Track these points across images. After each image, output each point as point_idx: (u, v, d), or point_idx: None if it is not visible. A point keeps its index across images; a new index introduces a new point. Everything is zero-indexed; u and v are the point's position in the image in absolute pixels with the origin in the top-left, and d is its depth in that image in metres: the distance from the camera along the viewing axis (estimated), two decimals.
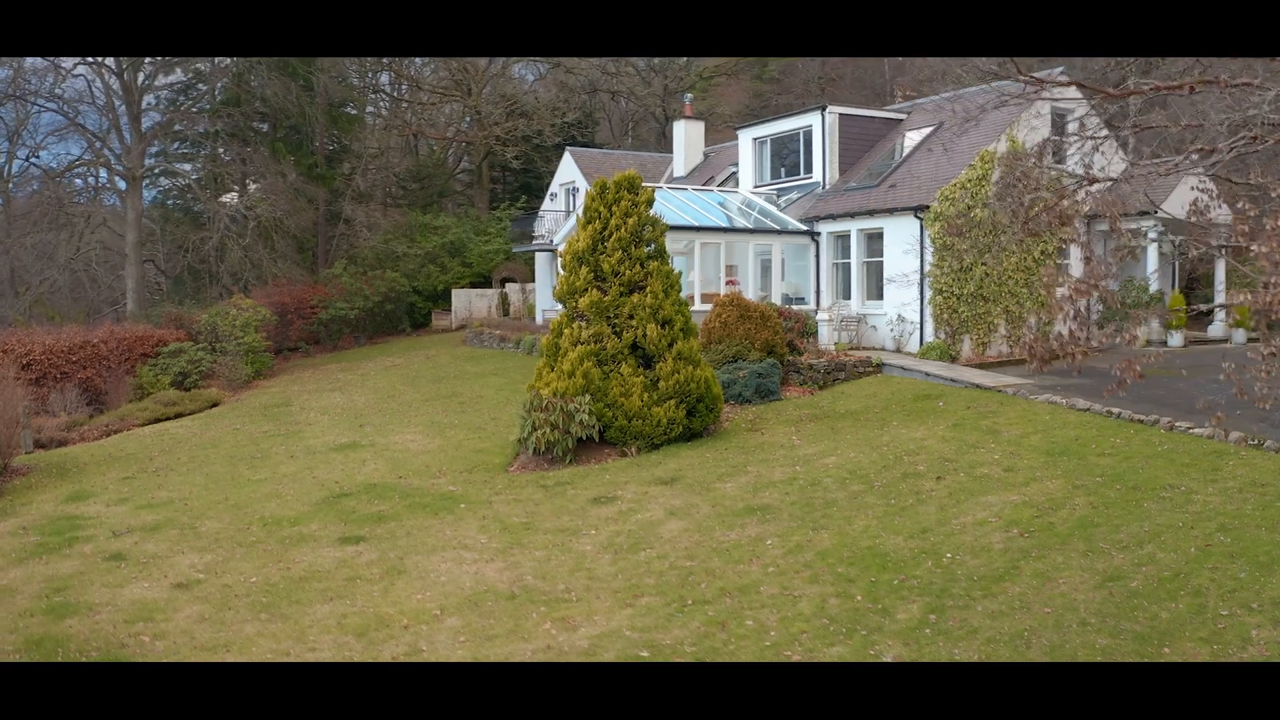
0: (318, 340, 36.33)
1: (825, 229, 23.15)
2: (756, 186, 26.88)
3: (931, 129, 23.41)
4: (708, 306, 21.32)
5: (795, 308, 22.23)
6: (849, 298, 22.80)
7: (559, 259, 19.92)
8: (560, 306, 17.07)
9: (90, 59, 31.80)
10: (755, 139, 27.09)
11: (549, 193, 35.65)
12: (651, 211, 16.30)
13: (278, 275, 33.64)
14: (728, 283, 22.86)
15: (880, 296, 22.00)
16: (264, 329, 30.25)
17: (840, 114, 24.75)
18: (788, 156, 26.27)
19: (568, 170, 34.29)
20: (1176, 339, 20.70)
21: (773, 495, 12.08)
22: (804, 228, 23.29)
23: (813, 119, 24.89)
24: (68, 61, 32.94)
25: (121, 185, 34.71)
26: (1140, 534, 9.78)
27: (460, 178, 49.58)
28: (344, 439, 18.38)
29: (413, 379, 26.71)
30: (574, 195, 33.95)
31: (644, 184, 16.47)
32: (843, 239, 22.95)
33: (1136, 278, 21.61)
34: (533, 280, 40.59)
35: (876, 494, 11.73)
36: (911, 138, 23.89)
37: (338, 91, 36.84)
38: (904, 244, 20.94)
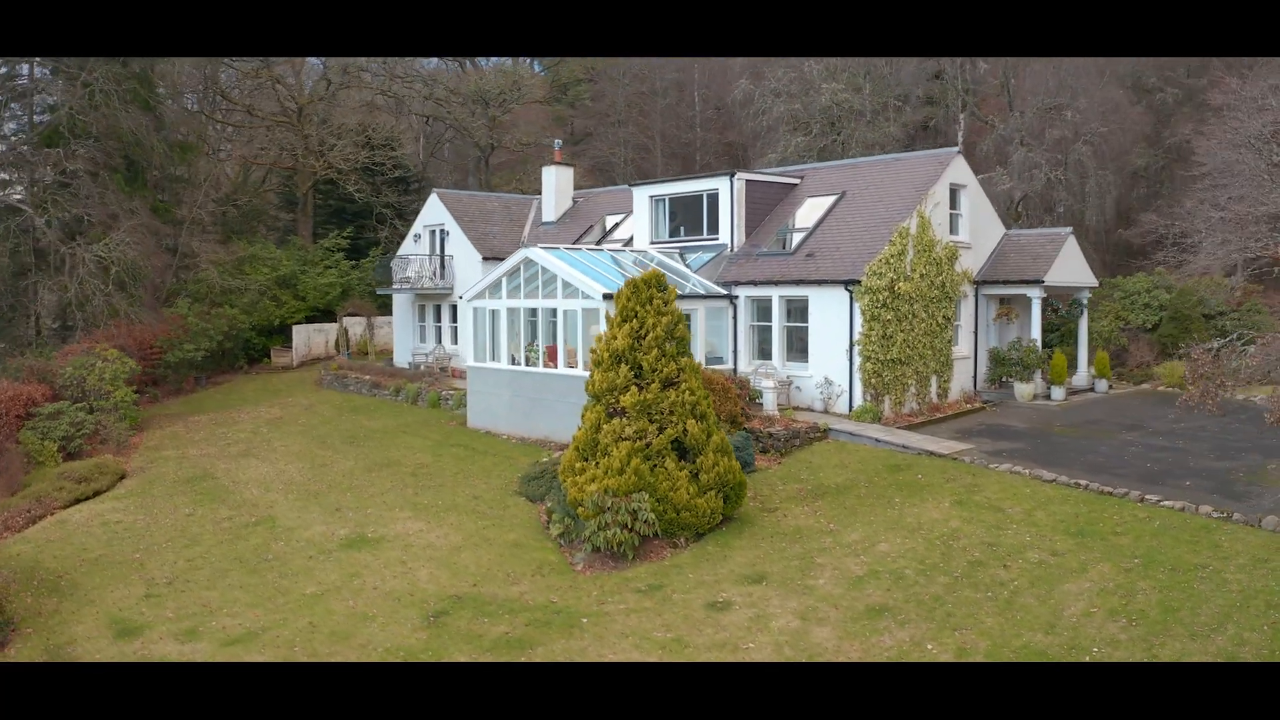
0: (156, 382, 33.78)
1: (744, 293, 24.75)
2: (654, 242, 28.08)
3: (835, 198, 25.58)
4: None
5: (714, 368, 23.65)
6: (767, 358, 24.54)
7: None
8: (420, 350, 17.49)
9: None
10: (653, 197, 28.27)
11: (412, 233, 34.99)
12: (667, 297, 17.16)
13: (118, 315, 31.02)
14: None
15: (801, 358, 23.89)
16: (131, 379, 28.12)
17: (747, 180, 26.45)
18: (688, 216, 27.64)
19: (435, 213, 33.86)
20: (1059, 393, 24.10)
21: (876, 592, 13.48)
22: (724, 291, 24.79)
23: (720, 183, 26.42)
24: None
25: None
26: (1215, 615, 12.04)
27: (270, 197, 47.17)
28: (341, 530, 17.87)
29: (320, 439, 25.81)
30: (444, 238, 33.60)
31: (550, 248, 17.28)
32: (762, 303, 24.62)
33: (1024, 338, 24.87)
34: (379, 315, 39.76)
35: (968, 586, 13.42)
36: (814, 204, 25.97)
37: (180, 119, 34.25)
38: (832, 313, 22.90)
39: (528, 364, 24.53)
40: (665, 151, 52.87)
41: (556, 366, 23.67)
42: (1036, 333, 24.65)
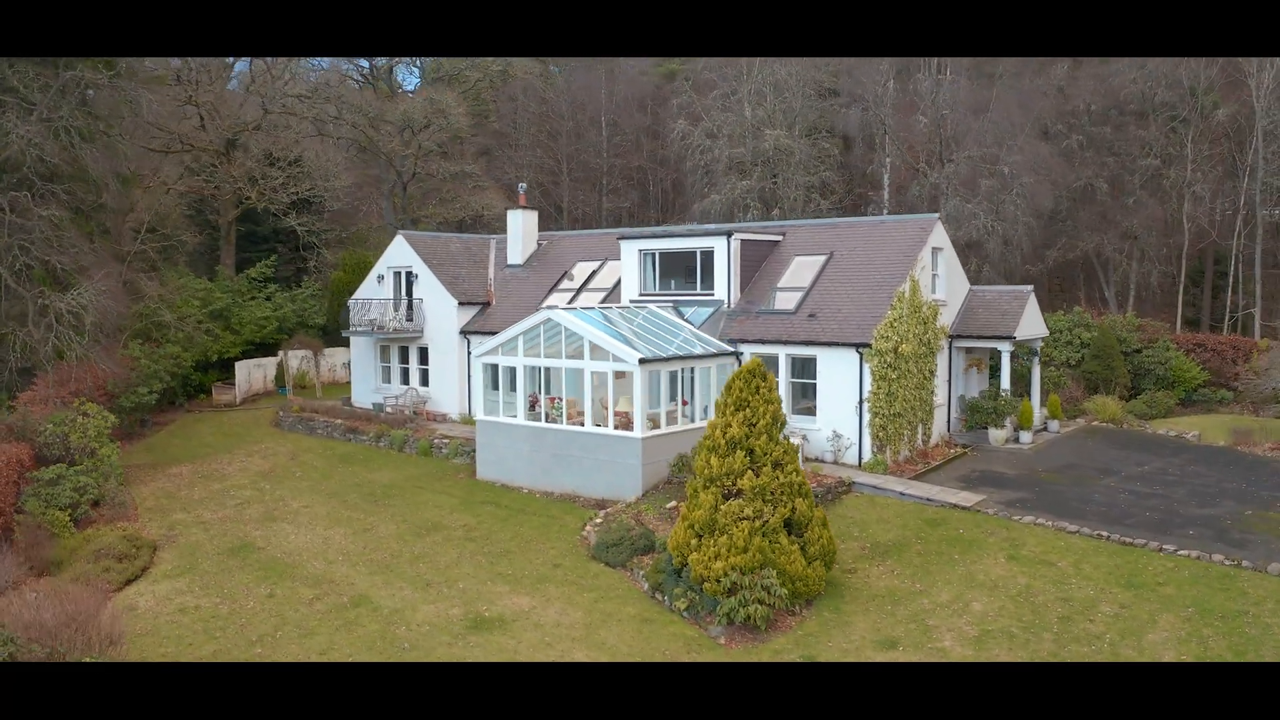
0: None
1: (749, 350, 26.73)
2: (644, 294, 29.66)
3: (825, 258, 27.92)
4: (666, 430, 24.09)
5: None
6: None
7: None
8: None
9: None
10: (642, 251, 29.82)
11: (375, 274, 35.03)
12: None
13: (89, 363, 29.93)
14: (683, 403, 25.59)
15: (806, 412, 26.15)
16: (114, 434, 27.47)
17: (742, 239, 28.43)
18: (679, 270, 29.34)
19: (401, 254, 34.10)
20: (1027, 436, 27.41)
21: (1001, 651, 15.86)
22: (730, 349, 26.69)
23: (716, 242, 28.29)
24: None
25: None
26: (1276, 655, 15.06)
27: (183, 223, 45.48)
28: (453, 610, 18.69)
29: (336, 496, 26.10)
30: (411, 280, 33.90)
31: (572, 309, 19.05)
32: (767, 360, 26.62)
33: (993, 387, 28.00)
34: (325, 348, 39.60)
35: (1071, 640, 16.00)
36: (803, 263, 28.20)
37: (136, 153, 32.98)
38: (839, 371, 25.25)
39: (547, 420, 25.67)
40: (573, 176, 54.08)
41: (583, 424, 24.96)
42: (1007, 382, 27.88)
